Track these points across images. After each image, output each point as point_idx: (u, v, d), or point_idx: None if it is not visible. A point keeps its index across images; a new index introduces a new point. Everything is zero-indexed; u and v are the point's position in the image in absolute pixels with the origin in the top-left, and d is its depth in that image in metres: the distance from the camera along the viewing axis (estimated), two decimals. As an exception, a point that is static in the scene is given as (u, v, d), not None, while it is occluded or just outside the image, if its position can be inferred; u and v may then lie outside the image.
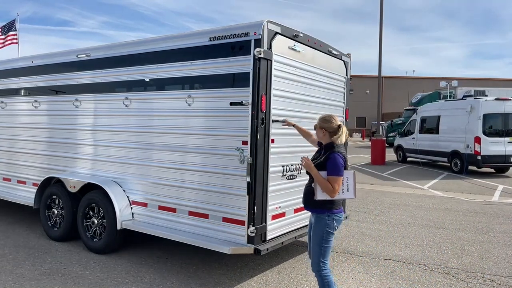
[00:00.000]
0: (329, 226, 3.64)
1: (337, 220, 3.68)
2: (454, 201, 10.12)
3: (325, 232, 3.64)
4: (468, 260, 5.69)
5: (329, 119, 3.73)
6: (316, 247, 3.68)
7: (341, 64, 5.93)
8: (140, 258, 5.47)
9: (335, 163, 3.52)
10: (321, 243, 3.65)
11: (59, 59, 6.38)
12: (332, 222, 3.64)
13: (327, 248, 3.68)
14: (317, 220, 3.68)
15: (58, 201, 6.18)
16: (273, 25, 4.43)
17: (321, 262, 3.66)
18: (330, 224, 3.63)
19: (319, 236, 3.66)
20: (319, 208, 3.65)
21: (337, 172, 3.52)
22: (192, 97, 4.83)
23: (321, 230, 3.65)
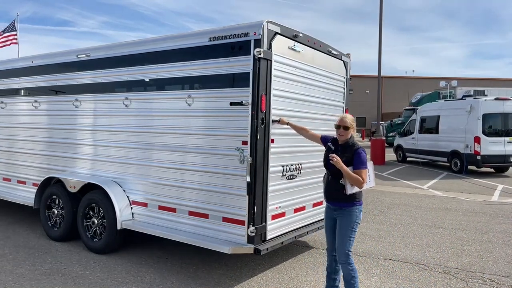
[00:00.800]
0: (358, 218, 3.95)
1: (362, 211, 4.01)
2: (453, 201, 10.13)
3: (355, 224, 3.94)
4: (468, 260, 5.70)
5: (351, 117, 4.11)
6: (344, 239, 3.92)
7: (341, 64, 5.93)
8: (140, 258, 5.48)
9: (363, 156, 3.89)
10: (350, 235, 3.93)
11: (59, 59, 6.38)
12: (360, 213, 3.97)
13: (354, 239, 3.98)
14: (347, 213, 3.93)
15: (58, 201, 6.19)
16: (273, 25, 4.44)
17: (349, 252, 3.92)
18: (359, 215, 3.96)
19: (348, 228, 3.92)
20: (350, 201, 3.92)
21: (365, 165, 3.88)
22: (192, 97, 4.84)
23: (351, 222, 3.92)
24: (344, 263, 3.92)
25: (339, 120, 4.03)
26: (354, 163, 3.83)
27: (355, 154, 3.86)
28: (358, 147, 3.91)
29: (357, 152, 3.86)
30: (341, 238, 3.93)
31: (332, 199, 4.02)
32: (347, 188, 3.85)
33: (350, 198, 3.89)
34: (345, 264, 3.92)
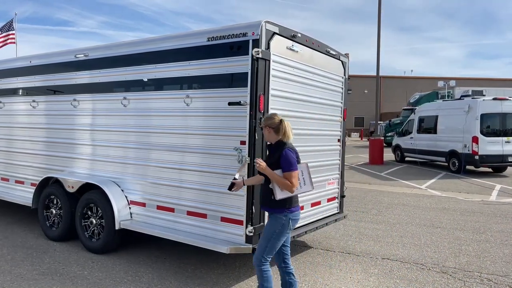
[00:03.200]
0: (283, 227, 3.66)
1: (294, 220, 3.71)
2: (452, 201, 10.15)
3: (277, 231, 3.66)
4: (465, 259, 5.71)
5: (271, 116, 3.81)
6: (264, 243, 3.70)
7: (339, 64, 5.94)
8: (139, 258, 5.48)
9: (287, 158, 3.58)
10: (268, 242, 3.68)
11: (57, 59, 6.38)
12: (288, 222, 3.67)
13: (275, 247, 3.71)
14: (273, 219, 3.70)
15: (56, 201, 6.18)
16: (271, 25, 4.44)
17: (263, 258, 3.70)
18: (285, 224, 3.66)
19: (270, 233, 3.68)
20: (278, 207, 3.67)
21: (292, 167, 3.58)
22: (190, 97, 4.84)
23: (274, 228, 3.67)
24: (256, 268, 3.74)
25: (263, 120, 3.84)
26: (281, 166, 3.58)
27: (281, 156, 3.59)
28: (284, 148, 3.63)
29: (282, 154, 3.59)
30: (260, 242, 3.74)
31: (262, 204, 3.82)
32: (276, 192, 3.59)
33: (279, 203, 3.63)
34: (257, 269, 3.73)
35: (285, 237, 3.75)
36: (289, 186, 3.56)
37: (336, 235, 6.81)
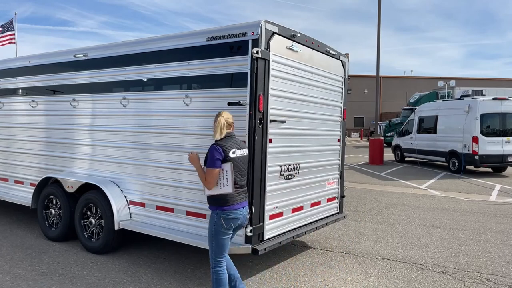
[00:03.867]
0: (217, 225, 3.65)
1: (227, 218, 3.64)
2: (452, 201, 10.14)
3: (213, 230, 3.67)
4: (465, 260, 5.71)
5: (216, 115, 3.82)
6: (209, 243, 3.74)
7: (339, 64, 5.93)
8: (138, 258, 5.47)
9: (209, 155, 3.62)
10: (211, 240, 3.71)
11: (57, 59, 6.37)
12: (220, 220, 3.63)
13: (219, 246, 3.69)
14: (210, 216, 3.73)
15: (55, 201, 6.17)
16: (271, 25, 4.43)
17: (214, 259, 3.72)
18: (218, 222, 3.64)
19: (209, 232, 3.72)
20: (211, 205, 3.71)
21: (210, 164, 3.58)
22: (190, 97, 4.83)
23: (210, 226, 3.71)
24: (211, 269, 3.77)
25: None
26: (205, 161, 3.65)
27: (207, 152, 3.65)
28: (212, 144, 3.66)
29: (208, 150, 3.65)
30: (208, 242, 3.77)
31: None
32: (204, 189, 3.67)
33: (211, 201, 3.68)
34: (211, 271, 3.76)
35: (227, 235, 3.71)
36: (204, 182, 3.60)
37: (336, 235, 6.81)
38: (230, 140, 3.72)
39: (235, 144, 3.73)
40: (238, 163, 3.71)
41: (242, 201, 3.76)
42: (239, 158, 3.72)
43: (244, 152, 3.81)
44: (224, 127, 3.72)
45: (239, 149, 3.75)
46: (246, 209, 3.81)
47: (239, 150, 3.74)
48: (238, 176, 3.71)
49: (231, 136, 3.77)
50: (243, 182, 3.78)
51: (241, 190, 3.76)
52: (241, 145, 3.81)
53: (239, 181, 3.73)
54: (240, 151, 3.75)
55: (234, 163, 3.65)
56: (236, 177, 3.69)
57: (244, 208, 3.76)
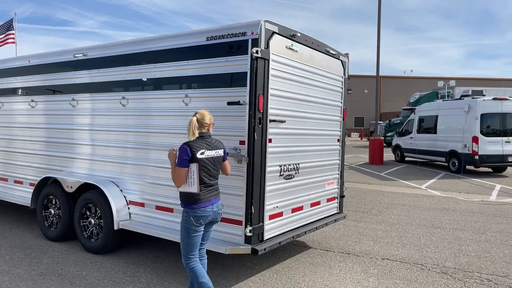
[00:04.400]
0: (187, 222, 3.73)
1: (196, 216, 3.70)
2: (452, 201, 10.13)
3: (183, 227, 3.76)
4: (465, 260, 5.70)
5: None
6: (180, 240, 3.82)
7: (339, 64, 5.92)
8: (138, 258, 5.46)
9: (180, 153, 3.69)
10: (182, 239, 3.79)
11: (56, 59, 6.36)
12: (189, 218, 3.71)
13: (189, 244, 3.77)
14: (182, 214, 3.82)
15: (55, 201, 6.16)
16: (270, 25, 4.42)
17: (185, 257, 3.79)
18: (187, 220, 3.72)
19: (180, 231, 3.82)
20: (181, 202, 3.80)
21: (178, 163, 3.67)
22: (189, 96, 4.82)
23: (181, 225, 3.81)
24: (184, 266, 3.84)
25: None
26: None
27: None
28: (181, 144, 3.73)
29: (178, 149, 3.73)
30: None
31: None
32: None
33: (181, 198, 3.77)
34: (185, 267, 3.83)
35: (198, 233, 3.76)
36: (173, 180, 3.71)
37: (336, 235, 6.80)
38: (202, 141, 3.76)
39: (206, 144, 3.75)
40: (206, 163, 3.73)
41: (211, 198, 3.79)
42: (207, 159, 3.74)
43: (216, 153, 3.82)
44: (196, 128, 3.76)
45: (210, 150, 3.77)
46: (218, 205, 3.84)
47: (209, 151, 3.76)
48: (206, 176, 3.73)
49: (204, 137, 3.79)
50: (213, 182, 3.81)
51: (210, 188, 3.79)
52: (214, 146, 3.81)
53: (208, 181, 3.76)
54: (210, 152, 3.76)
55: (201, 164, 3.69)
56: (204, 177, 3.72)
57: (214, 204, 3.80)
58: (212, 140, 3.85)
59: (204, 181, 3.73)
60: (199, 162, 3.68)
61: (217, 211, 3.85)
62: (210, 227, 3.94)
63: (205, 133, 3.82)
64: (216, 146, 3.84)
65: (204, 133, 3.82)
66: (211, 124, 3.91)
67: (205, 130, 3.84)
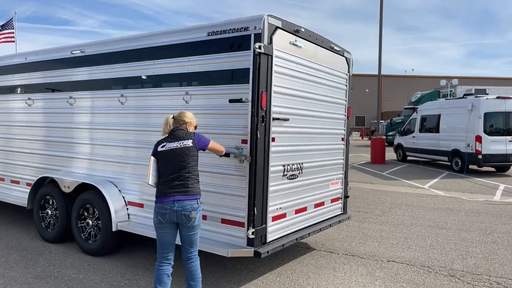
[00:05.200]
0: (154, 217, 3.66)
1: (156, 212, 3.62)
2: (456, 201, 9.98)
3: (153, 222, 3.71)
4: (473, 262, 5.55)
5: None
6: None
7: (343, 61, 5.77)
8: (136, 260, 5.31)
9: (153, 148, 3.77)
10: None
11: (53, 56, 6.21)
12: (155, 214, 3.63)
13: (159, 241, 3.68)
14: None
15: (52, 202, 6.01)
16: (274, 19, 4.27)
17: (157, 255, 3.74)
18: (154, 215, 3.65)
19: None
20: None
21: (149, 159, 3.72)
22: (190, 94, 4.67)
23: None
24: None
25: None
26: None
27: None
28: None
29: None
30: None
31: None
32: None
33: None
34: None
35: (161, 231, 3.62)
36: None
37: (339, 237, 6.65)
38: (169, 135, 3.74)
39: (170, 138, 3.70)
40: (165, 155, 3.63)
41: (173, 195, 3.57)
42: (166, 150, 3.63)
43: (180, 144, 3.65)
44: (168, 125, 3.78)
45: (172, 142, 3.66)
46: (183, 205, 3.54)
47: (171, 143, 3.66)
48: (164, 169, 3.63)
49: (174, 130, 3.75)
50: (174, 175, 3.59)
51: (172, 184, 3.59)
52: (178, 137, 3.68)
53: (167, 175, 3.61)
54: (172, 144, 3.65)
55: (158, 157, 3.66)
56: (162, 170, 3.63)
57: (176, 203, 3.54)
58: (178, 132, 3.73)
59: (164, 174, 3.63)
60: (157, 154, 3.67)
61: (181, 212, 3.53)
62: (187, 230, 3.61)
63: (177, 128, 3.77)
64: (180, 137, 3.69)
65: (177, 128, 3.76)
66: (190, 123, 3.83)
67: (183, 128, 3.78)
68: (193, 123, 3.89)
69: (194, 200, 3.63)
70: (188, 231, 3.65)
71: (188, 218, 3.58)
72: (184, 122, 3.82)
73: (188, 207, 3.57)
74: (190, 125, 3.85)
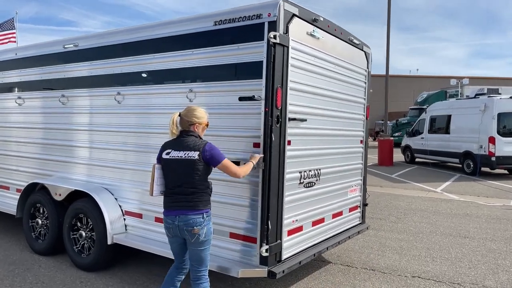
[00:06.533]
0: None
1: (164, 225, 3.32)
2: (472, 206, 9.45)
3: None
4: (506, 277, 5.02)
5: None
6: None
7: (362, 55, 5.24)
8: (134, 277, 4.77)
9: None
10: None
11: (44, 51, 5.69)
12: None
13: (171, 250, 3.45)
14: None
15: (42, 210, 5.49)
16: (290, 6, 3.74)
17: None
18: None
19: None
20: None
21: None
22: (194, 91, 4.14)
23: None
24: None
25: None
26: None
27: None
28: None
29: None
30: None
31: None
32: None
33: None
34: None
35: (170, 240, 3.36)
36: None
37: (356, 247, 6.11)
38: (177, 140, 3.31)
39: (177, 144, 3.27)
40: (169, 165, 3.25)
41: (175, 209, 3.23)
42: (171, 159, 3.24)
43: (185, 154, 3.20)
44: (173, 125, 3.32)
45: (177, 151, 3.23)
46: (185, 220, 3.18)
47: (176, 151, 3.23)
48: (168, 180, 3.28)
49: (183, 135, 3.30)
50: (178, 190, 3.23)
51: (175, 197, 3.24)
52: (184, 146, 3.23)
53: (171, 186, 3.26)
54: (177, 153, 3.23)
55: (163, 164, 3.30)
56: (166, 179, 3.29)
57: (177, 217, 3.20)
58: (185, 140, 3.25)
59: (168, 185, 3.28)
60: (161, 162, 3.31)
61: (183, 227, 3.19)
62: (193, 245, 3.25)
63: (187, 132, 3.29)
64: (186, 146, 3.21)
65: (187, 131, 3.31)
66: (199, 124, 3.33)
67: (192, 130, 3.30)
68: (203, 122, 3.38)
69: (199, 215, 3.18)
70: (195, 247, 3.25)
71: (191, 235, 3.19)
72: (191, 123, 3.32)
73: (191, 222, 3.19)
74: (198, 126, 3.35)
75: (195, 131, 3.33)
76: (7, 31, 24.08)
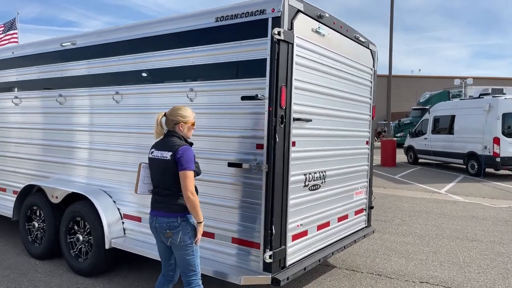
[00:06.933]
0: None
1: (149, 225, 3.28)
2: (478, 208, 9.28)
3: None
4: (517, 283, 4.85)
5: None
6: None
7: (368, 53, 5.09)
8: (133, 283, 4.62)
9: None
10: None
11: (41, 49, 5.55)
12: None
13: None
14: None
15: (39, 213, 5.34)
16: (295, 1, 3.59)
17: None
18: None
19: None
20: None
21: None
22: (195, 90, 3.99)
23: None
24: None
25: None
26: None
27: None
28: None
29: None
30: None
31: None
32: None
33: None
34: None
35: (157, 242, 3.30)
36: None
37: (360, 251, 5.95)
38: (162, 140, 3.23)
39: (161, 144, 3.20)
40: (150, 163, 3.25)
41: (153, 209, 3.20)
42: (152, 159, 3.21)
43: (161, 154, 3.12)
44: (157, 125, 3.23)
45: (158, 150, 3.18)
46: (160, 221, 3.12)
47: (158, 150, 3.18)
48: (153, 180, 3.25)
49: (166, 136, 3.23)
50: (156, 188, 3.20)
51: (155, 197, 3.21)
52: (162, 146, 3.16)
53: (154, 186, 3.24)
54: (158, 152, 3.17)
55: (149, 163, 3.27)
56: (152, 181, 3.26)
57: (155, 218, 3.15)
58: (167, 140, 3.16)
59: (153, 185, 3.25)
60: (148, 161, 3.27)
61: (159, 229, 3.14)
62: (174, 250, 3.18)
63: (170, 132, 3.23)
64: (165, 147, 3.12)
65: (170, 132, 3.23)
66: (184, 123, 3.19)
67: (178, 129, 3.20)
68: (188, 121, 3.25)
69: (173, 218, 3.09)
70: (176, 251, 3.18)
71: (165, 238, 3.15)
72: (176, 123, 3.21)
73: (164, 225, 3.12)
74: (183, 125, 3.22)
75: (180, 131, 3.22)
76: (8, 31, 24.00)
